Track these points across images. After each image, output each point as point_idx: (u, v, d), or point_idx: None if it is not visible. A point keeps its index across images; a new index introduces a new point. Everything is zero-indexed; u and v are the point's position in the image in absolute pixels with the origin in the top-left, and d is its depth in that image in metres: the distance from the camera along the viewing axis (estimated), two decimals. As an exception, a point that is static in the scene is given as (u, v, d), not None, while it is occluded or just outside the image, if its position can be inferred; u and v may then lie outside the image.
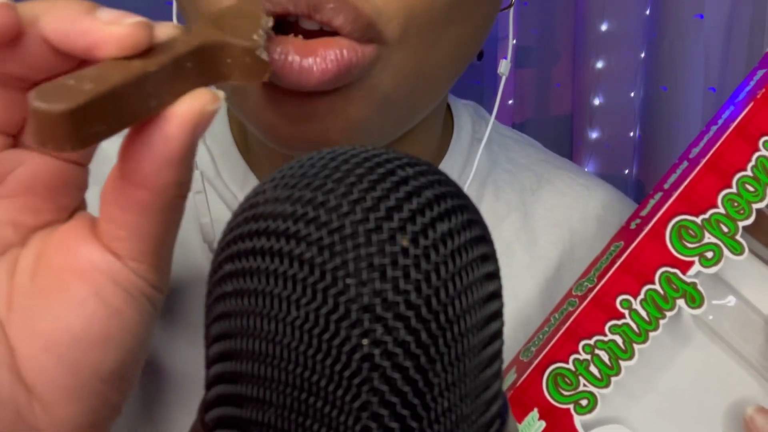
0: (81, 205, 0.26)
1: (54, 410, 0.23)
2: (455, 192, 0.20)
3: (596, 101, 1.30)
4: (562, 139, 1.38)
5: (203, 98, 0.22)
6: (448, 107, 0.46)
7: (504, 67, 0.41)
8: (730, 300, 0.36)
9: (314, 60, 0.28)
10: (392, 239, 0.18)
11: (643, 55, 1.23)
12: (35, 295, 0.23)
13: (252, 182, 0.41)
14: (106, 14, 0.22)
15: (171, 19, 0.38)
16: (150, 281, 0.24)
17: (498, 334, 0.21)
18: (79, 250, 0.23)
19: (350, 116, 0.31)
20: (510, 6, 0.40)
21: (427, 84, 0.34)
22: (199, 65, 0.23)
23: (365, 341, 0.17)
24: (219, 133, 0.42)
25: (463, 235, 0.19)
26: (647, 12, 1.22)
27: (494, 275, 0.20)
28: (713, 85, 1.07)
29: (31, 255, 0.24)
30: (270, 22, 0.26)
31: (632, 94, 1.26)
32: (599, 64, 1.29)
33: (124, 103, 0.21)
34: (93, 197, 0.26)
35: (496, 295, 0.20)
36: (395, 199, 0.18)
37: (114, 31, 0.21)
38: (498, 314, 0.20)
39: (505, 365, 0.39)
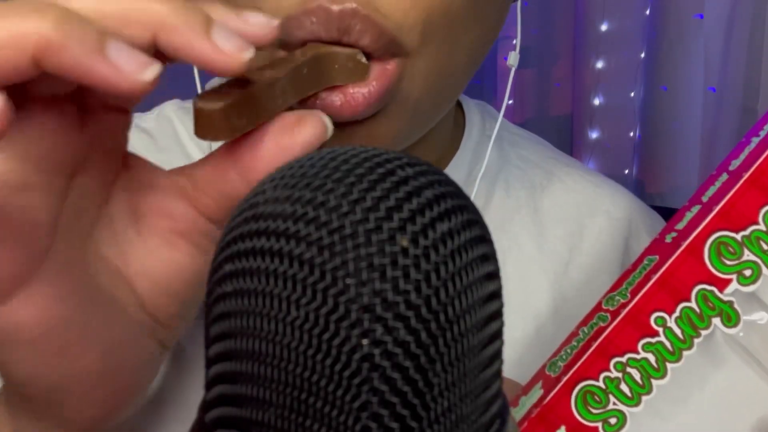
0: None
1: (171, 329, 0.28)
2: (455, 192, 0.20)
3: (596, 101, 1.30)
4: (562, 139, 1.39)
5: (323, 130, 0.26)
6: (459, 105, 0.48)
7: (513, 59, 0.43)
8: (763, 317, 0.35)
9: (348, 98, 0.31)
10: (392, 239, 0.18)
11: (643, 55, 1.23)
12: (150, 252, 0.27)
13: None
14: (222, 40, 0.23)
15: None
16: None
17: (498, 334, 0.21)
18: (181, 217, 0.27)
19: (384, 130, 0.34)
20: None
21: (450, 85, 0.36)
22: (312, 71, 0.28)
23: (365, 341, 0.17)
24: None
25: (463, 235, 0.19)
26: (647, 12, 1.22)
27: (494, 275, 0.20)
28: (713, 85, 1.07)
29: (123, 211, 0.27)
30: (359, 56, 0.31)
31: (632, 94, 1.26)
32: (599, 64, 1.29)
33: (259, 103, 0.26)
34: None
35: (496, 295, 0.20)
36: (395, 199, 0.18)
37: (229, 61, 0.24)
38: (498, 314, 0.20)
39: (519, 364, 0.39)
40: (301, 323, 0.18)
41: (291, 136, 0.26)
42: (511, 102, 1.43)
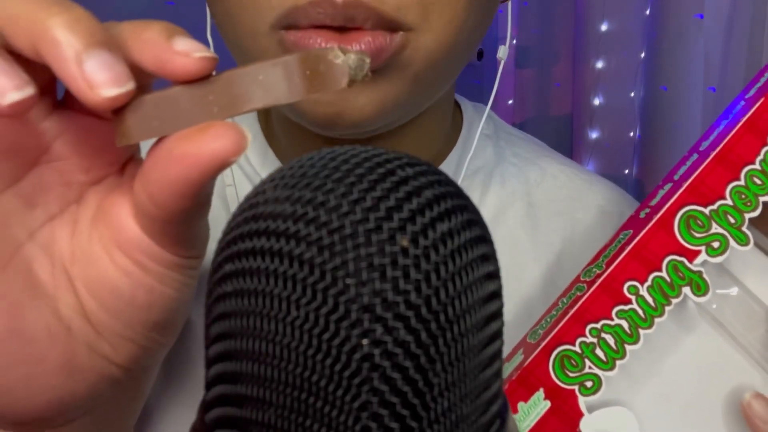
0: (135, 153, 0.27)
1: (117, 348, 0.26)
2: (455, 192, 0.20)
3: (596, 101, 1.30)
4: (562, 139, 1.39)
5: (232, 144, 0.22)
6: (458, 106, 0.49)
7: (502, 52, 0.45)
8: (734, 290, 0.37)
9: (350, 46, 0.32)
10: (392, 239, 0.18)
11: (643, 55, 1.23)
12: (91, 258, 0.25)
13: (271, 158, 0.45)
14: (181, 44, 0.22)
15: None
16: (184, 254, 0.26)
17: (498, 334, 0.21)
18: (122, 228, 0.25)
19: (384, 94, 0.35)
20: None
21: (450, 64, 0.38)
22: (271, 79, 0.23)
23: (365, 341, 0.17)
24: (247, 114, 0.45)
25: (462, 235, 0.19)
26: (647, 12, 1.22)
27: (494, 275, 0.20)
28: (713, 85, 1.07)
29: (88, 213, 0.26)
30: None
31: (632, 94, 1.26)
32: (599, 64, 1.29)
33: (182, 107, 0.23)
34: None
35: (496, 295, 0.20)
36: (395, 199, 0.18)
37: (185, 63, 0.22)
38: (498, 314, 0.20)
39: (510, 347, 0.40)
40: (301, 323, 0.18)
41: (188, 146, 0.22)
42: (511, 102, 1.43)
